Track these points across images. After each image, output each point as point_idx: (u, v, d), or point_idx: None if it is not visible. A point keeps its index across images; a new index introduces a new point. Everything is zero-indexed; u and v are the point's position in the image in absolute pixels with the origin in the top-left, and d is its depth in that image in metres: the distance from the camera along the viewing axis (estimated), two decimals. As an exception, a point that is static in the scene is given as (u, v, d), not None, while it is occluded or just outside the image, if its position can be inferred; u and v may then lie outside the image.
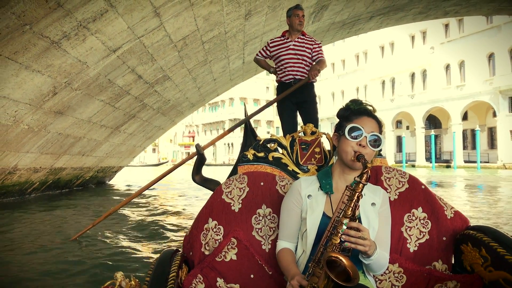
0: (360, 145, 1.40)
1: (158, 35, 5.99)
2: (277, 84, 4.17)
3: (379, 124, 1.48)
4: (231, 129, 3.98)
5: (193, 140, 65.21)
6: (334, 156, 1.57)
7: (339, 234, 1.20)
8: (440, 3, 9.50)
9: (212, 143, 3.87)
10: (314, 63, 3.98)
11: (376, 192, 1.50)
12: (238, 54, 9.29)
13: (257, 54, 4.22)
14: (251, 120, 4.03)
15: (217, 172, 19.14)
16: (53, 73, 5.20)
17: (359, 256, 1.30)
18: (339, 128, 1.50)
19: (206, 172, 2.84)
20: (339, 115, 1.53)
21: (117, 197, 9.46)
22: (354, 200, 1.25)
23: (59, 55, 4.88)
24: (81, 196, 9.36)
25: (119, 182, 14.38)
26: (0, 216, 5.97)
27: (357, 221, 1.25)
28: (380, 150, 1.81)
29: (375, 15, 9.71)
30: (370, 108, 1.50)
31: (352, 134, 1.41)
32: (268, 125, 56.36)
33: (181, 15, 5.78)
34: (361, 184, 1.26)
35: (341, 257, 1.15)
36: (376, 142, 1.43)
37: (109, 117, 8.22)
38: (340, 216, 1.24)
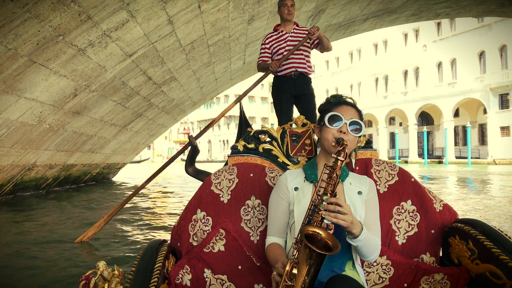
0: (341, 131, 1.41)
1: (169, 40, 6.44)
2: (273, 77, 4.07)
3: (359, 112, 1.49)
4: (224, 113, 4.06)
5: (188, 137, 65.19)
6: (318, 148, 1.60)
7: (320, 212, 1.19)
8: (431, 6, 9.91)
9: (205, 131, 4.03)
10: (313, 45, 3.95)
11: (362, 181, 1.49)
12: (239, 56, 9.73)
13: (260, 60, 4.04)
14: (247, 116, 4.19)
15: (213, 170, 19.26)
16: (76, 77, 5.65)
17: (347, 238, 1.27)
18: (320, 121, 1.52)
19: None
20: (320, 109, 1.55)
21: (126, 192, 9.76)
22: (333, 177, 1.24)
23: (83, 60, 5.32)
24: (90, 192, 9.75)
25: (122, 178, 14.66)
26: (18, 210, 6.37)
27: (336, 197, 1.25)
28: (368, 140, 1.89)
29: (369, 17, 10.11)
30: (349, 100, 1.53)
31: (332, 122, 1.43)
32: (263, 122, 56.78)
33: (192, 22, 6.23)
34: (339, 161, 1.26)
35: (318, 230, 1.13)
36: (357, 129, 1.44)
37: (119, 116, 8.66)
38: (320, 194, 1.23)
